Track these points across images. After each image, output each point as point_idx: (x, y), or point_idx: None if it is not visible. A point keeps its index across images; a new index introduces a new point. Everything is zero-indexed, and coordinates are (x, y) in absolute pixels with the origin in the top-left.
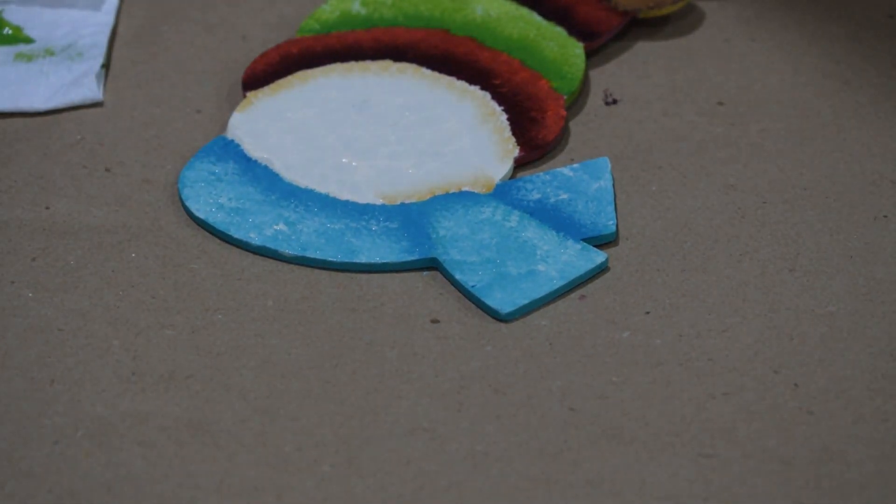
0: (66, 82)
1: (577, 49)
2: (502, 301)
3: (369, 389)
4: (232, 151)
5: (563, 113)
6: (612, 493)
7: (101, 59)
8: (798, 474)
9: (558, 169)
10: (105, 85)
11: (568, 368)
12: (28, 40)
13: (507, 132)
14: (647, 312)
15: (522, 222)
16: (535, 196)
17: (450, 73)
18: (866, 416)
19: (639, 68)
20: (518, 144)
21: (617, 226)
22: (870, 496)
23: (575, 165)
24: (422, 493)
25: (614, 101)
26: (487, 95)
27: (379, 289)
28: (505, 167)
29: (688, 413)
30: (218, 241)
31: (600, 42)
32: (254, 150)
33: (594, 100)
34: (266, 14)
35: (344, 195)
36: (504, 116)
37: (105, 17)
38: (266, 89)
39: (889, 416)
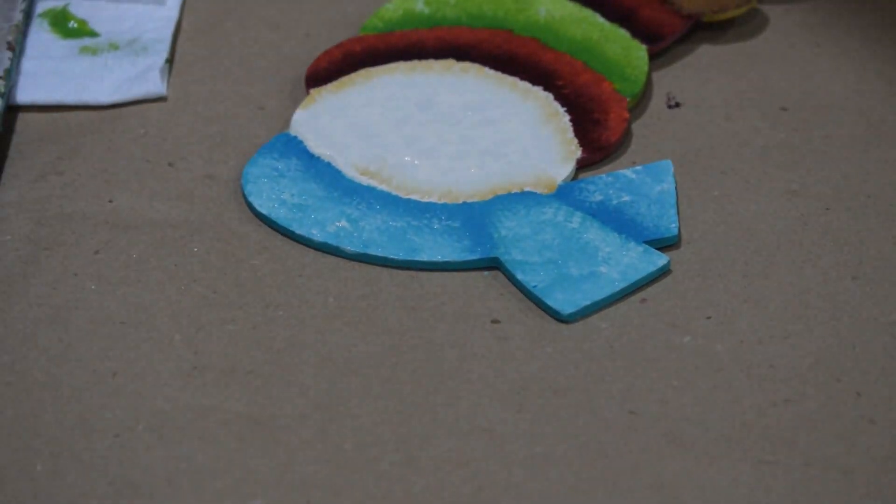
0: (131, 77)
1: (640, 52)
2: (563, 302)
3: (429, 389)
4: (295, 148)
5: (626, 115)
6: (671, 497)
7: (164, 55)
8: (859, 483)
9: (621, 171)
10: (169, 80)
11: (628, 371)
12: (93, 34)
13: (570, 133)
14: (709, 317)
15: (584, 224)
16: (598, 198)
17: (513, 73)
18: None
19: (702, 72)
20: (580, 146)
21: (679, 229)
22: None
23: (637, 168)
24: (480, 494)
25: (677, 105)
26: (550, 96)
27: (439, 287)
28: (567, 168)
29: (749, 419)
30: (280, 236)
31: (664, 45)
32: (316, 146)
33: (657, 102)
34: (329, 11)
35: (406, 193)
36: (567, 118)
37: (169, 11)
38: (329, 86)
39: None
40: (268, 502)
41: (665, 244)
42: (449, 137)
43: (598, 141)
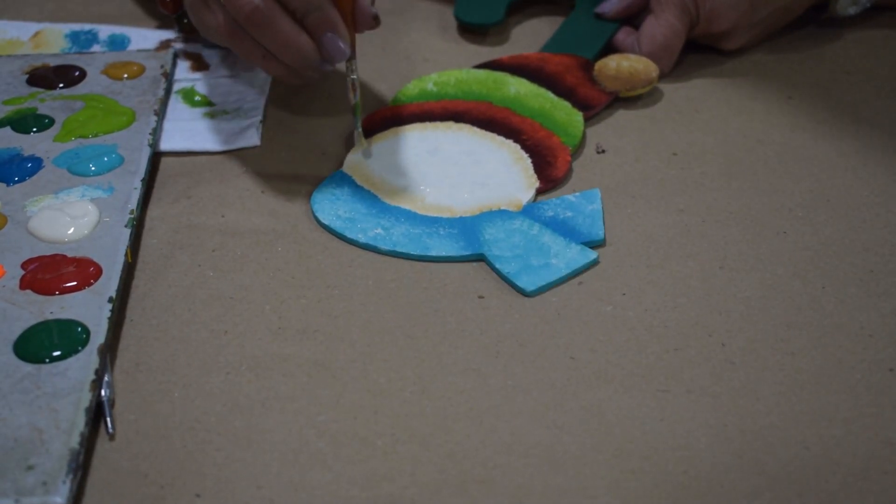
0: (236, 132)
1: (578, 116)
2: (527, 282)
3: (436, 342)
4: (347, 180)
5: (569, 159)
6: (598, 415)
7: (259, 117)
8: (722, 404)
9: (565, 196)
10: (261, 134)
11: (570, 330)
12: (211, 104)
13: (531, 171)
14: (624, 294)
15: (541, 231)
16: (550, 214)
17: (492, 131)
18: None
19: (619, 129)
20: (538, 179)
21: (604, 235)
22: None
23: (576, 194)
24: (471, 413)
25: (603, 151)
26: (518, 146)
27: (443, 274)
28: (530, 194)
29: (650, 362)
30: (336, 240)
31: (594, 112)
32: (360, 179)
33: (589, 150)
34: (370, 89)
35: (421, 211)
36: (529, 160)
37: (262, 88)
38: (369, 139)
39: None
40: (328, 418)
41: (595, 245)
42: (450, 173)
43: (550, 176)
